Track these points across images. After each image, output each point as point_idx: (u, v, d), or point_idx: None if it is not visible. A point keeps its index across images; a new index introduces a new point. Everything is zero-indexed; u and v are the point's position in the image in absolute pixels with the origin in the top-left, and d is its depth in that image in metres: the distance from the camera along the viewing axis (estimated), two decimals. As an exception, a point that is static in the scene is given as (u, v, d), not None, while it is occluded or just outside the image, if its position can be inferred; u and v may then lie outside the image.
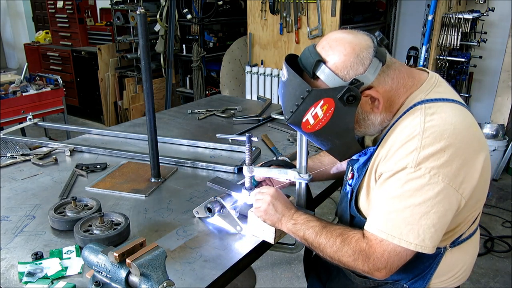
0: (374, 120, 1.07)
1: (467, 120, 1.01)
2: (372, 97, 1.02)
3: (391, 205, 0.98)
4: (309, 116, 1.02)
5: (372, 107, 1.05)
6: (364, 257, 1.01)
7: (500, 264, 2.95)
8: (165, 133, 2.10)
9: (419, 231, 0.96)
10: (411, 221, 0.96)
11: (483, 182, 1.04)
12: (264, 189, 1.23)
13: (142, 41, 1.42)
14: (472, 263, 1.20)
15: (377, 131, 1.12)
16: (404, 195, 0.96)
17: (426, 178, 0.94)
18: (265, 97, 3.44)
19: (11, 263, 1.12)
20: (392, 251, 0.98)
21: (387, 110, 1.07)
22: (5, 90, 3.70)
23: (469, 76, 4.41)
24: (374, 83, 1.01)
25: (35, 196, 1.48)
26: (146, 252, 0.93)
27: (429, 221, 0.95)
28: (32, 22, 7.61)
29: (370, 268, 1.01)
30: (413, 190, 0.95)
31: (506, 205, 3.72)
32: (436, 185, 0.94)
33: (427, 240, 0.96)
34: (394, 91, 1.05)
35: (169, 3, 4.72)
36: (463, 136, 0.97)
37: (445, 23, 3.75)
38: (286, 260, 2.93)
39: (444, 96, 1.04)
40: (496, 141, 4.12)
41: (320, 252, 1.09)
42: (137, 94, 5.29)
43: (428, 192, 0.94)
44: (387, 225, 0.98)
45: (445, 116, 0.99)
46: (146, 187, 1.54)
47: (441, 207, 0.95)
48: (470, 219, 1.11)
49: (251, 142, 1.25)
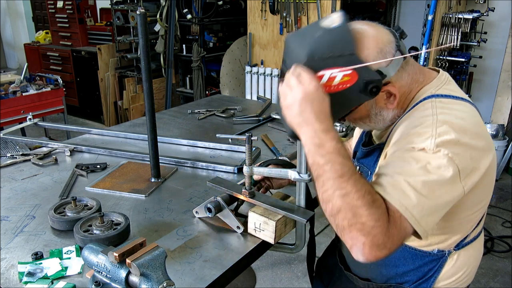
0: (385, 116, 1.06)
1: (476, 119, 1.00)
2: (388, 92, 1.01)
3: (411, 179, 0.89)
4: (327, 74, 0.93)
5: (386, 103, 1.03)
6: (383, 228, 0.87)
7: (500, 264, 2.95)
8: (165, 133, 2.10)
9: (424, 210, 0.89)
10: (423, 201, 0.89)
11: (488, 182, 1.03)
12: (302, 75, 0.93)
13: (142, 41, 1.42)
14: (476, 266, 1.20)
15: (385, 126, 1.10)
16: (422, 171, 0.90)
17: (445, 160, 0.89)
18: (265, 97, 3.44)
19: (11, 263, 1.12)
20: (406, 232, 0.90)
21: (399, 107, 1.06)
22: (5, 90, 3.70)
23: (469, 76, 4.41)
24: (394, 78, 1.00)
25: (35, 196, 1.48)
26: (146, 252, 0.93)
27: (436, 203, 0.90)
28: (32, 22, 7.61)
29: (379, 244, 0.86)
30: (432, 168, 0.89)
31: (506, 205, 3.72)
32: (451, 169, 0.90)
33: (428, 222, 0.90)
34: (408, 87, 1.04)
35: (169, 3, 4.72)
36: (473, 132, 0.95)
37: (445, 23, 3.75)
38: (286, 260, 2.93)
39: (454, 93, 1.04)
40: (496, 141, 4.12)
41: (327, 195, 0.91)
42: (137, 94, 5.29)
43: (444, 173, 0.89)
44: (407, 201, 0.89)
45: (455, 112, 0.97)
46: (146, 187, 1.54)
47: (449, 193, 0.91)
48: (474, 219, 1.09)
49: (251, 142, 1.25)
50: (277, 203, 1.24)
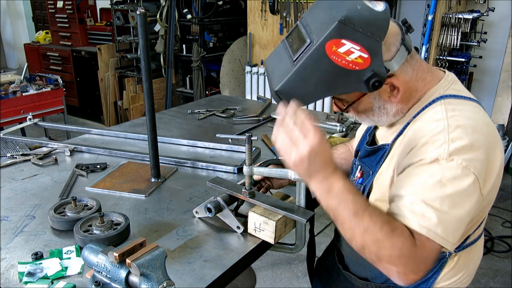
0: (389, 110, 1.05)
1: (485, 118, 1.00)
2: (392, 85, 1.01)
3: (428, 198, 0.89)
4: (348, 45, 0.90)
5: (390, 96, 1.03)
6: (410, 254, 0.88)
7: (500, 264, 2.95)
8: (165, 133, 2.10)
9: (447, 226, 0.89)
10: (444, 217, 0.89)
11: (498, 183, 1.04)
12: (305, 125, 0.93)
13: (142, 41, 1.42)
14: (475, 268, 1.20)
15: (389, 122, 1.09)
16: (438, 186, 0.90)
17: (459, 170, 0.89)
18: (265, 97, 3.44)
19: (11, 263, 1.12)
20: (436, 251, 0.91)
21: (404, 102, 1.05)
22: (5, 90, 3.70)
23: (469, 76, 4.41)
24: (397, 71, 0.99)
25: (35, 196, 1.48)
26: (146, 252, 0.93)
27: (458, 215, 0.90)
28: (32, 22, 7.61)
29: (412, 269, 0.88)
30: (446, 180, 0.89)
31: (506, 205, 3.71)
32: (467, 178, 0.90)
33: (455, 235, 0.91)
34: (413, 83, 1.03)
35: (169, 3, 4.72)
36: (484, 133, 0.95)
37: (445, 23, 3.75)
38: (286, 260, 2.93)
39: (461, 93, 1.04)
40: (496, 141, 4.12)
41: (349, 234, 0.93)
42: (137, 94, 5.29)
43: (461, 183, 0.89)
44: (428, 223, 0.89)
45: (465, 113, 0.97)
46: (146, 187, 1.54)
47: (469, 202, 0.91)
48: (477, 221, 1.09)
49: (251, 142, 1.25)
50: (277, 203, 1.24)
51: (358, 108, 1.07)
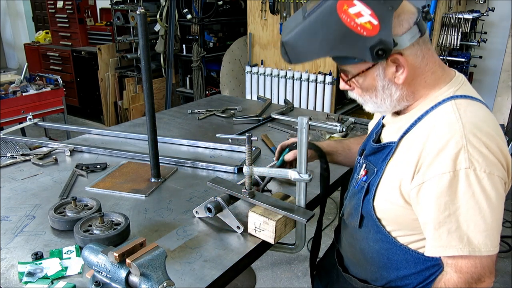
0: (393, 93, 1.03)
1: (493, 121, 1.00)
2: (398, 64, 0.99)
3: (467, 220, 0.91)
4: (360, 7, 0.91)
5: (394, 75, 1.00)
6: (469, 281, 0.93)
7: (500, 264, 2.95)
8: (165, 133, 2.10)
9: (493, 236, 0.92)
10: (483, 227, 0.91)
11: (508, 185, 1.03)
12: None
13: (142, 41, 1.42)
14: None
15: (392, 108, 1.07)
16: (471, 204, 0.90)
17: (485, 178, 0.90)
18: (265, 97, 3.44)
19: (11, 263, 1.12)
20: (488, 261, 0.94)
21: (409, 88, 1.03)
22: (5, 90, 3.70)
23: (469, 76, 4.41)
24: (406, 51, 0.98)
25: (35, 196, 1.48)
26: (146, 252, 0.93)
27: (496, 225, 0.92)
28: (32, 22, 7.61)
29: (475, 283, 0.93)
30: (478, 195, 0.90)
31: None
32: (495, 184, 0.91)
33: (498, 240, 0.93)
34: (421, 71, 1.02)
35: (169, 3, 4.72)
36: (495, 133, 0.95)
37: (445, 23, 3.75)
38: (286, 260, 2.93)
39: (471, 94, 1.02)
40: (496, 141, 4.12)
41: None
42: (137, 94, 5.29)
43: (491, 193, 0.91)
44: (476, 244, 0.91)
45: (476, 113, 0.97)
46: (146, 187, 1.54)
47: (501, 206, 0.93)
48: None
49: (251, 142, 1.25)
50: (277, 203, 1.24)
51: (363, 84, 1.05)
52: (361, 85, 1.06)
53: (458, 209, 0.91)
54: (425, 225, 0.98)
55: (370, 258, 1.16)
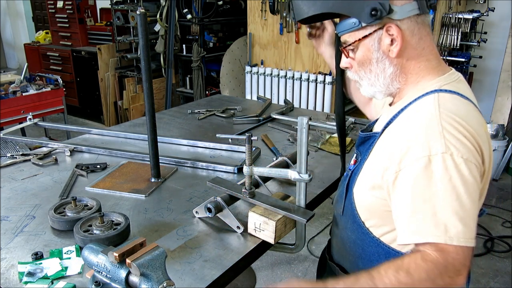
0: (386, 68, 1.04)
1: (478, 119, 0.99)
2: (393, 37, 1.00)
3: (444, 205, 0.87)
4: None
5: (389, 49, 1.02)
6: (439, 270, 0.86)
7: (500, 264, 2.95)
8: (165, 133, 2.10)
9: (470, 225, 0.87)
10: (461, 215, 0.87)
11: (484, 184, 1.02)
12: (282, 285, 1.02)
13: (142, 41, 1.42)
14: None
15: (385, 86, 1.07)
16: (449, 191, 0.88)
17: (462, 164, 0.88)
18: (265, 97, 3.44)
19: (11, 263, 1.12)
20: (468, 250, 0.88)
21: (402, 70, 1.04)
22: (5, 90, 3.71)
23: (469, 76, 4.41)
24: (403, 25, 1.00)
25: (35, 196, 1.48)
26: (146, 252, 0.93)
27: (472, 211, 0.88)
28: (32, 22, 7.61)
29: (451, 277, 0.86)
30: (454, 180, 0.88)
31: (506, 205, 3.72)
32: (470, 170, 0.89)
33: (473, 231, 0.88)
34: (417, 54, 1.03)
35: (169, 3, 4.72)
36: (474, 128, 0.94)
37: (445, 23, 3.75)
38: (286, 260, 2.93)
39: (461, 92, 1.01)
40: (496, 141, 4.12)
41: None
42: (137, 94, 5.29)
43: (468, 178, 0.88)
44: (454, 232, 0.87)
45: (458, 107, 0.97)
46: (146, 187, 1.54)
47: (476, 192, 0.90)
48: None
49: (251, 142, 1.25)
50: (277, 203, 1.24)
51: (358, 57, 1.07)
52: (357, 58, 1.08)
53: (434, 195, 0.88)
54: (400, 213, 0.95)
55: (349, 247, 1.17)
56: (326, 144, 1.97)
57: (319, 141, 1.98)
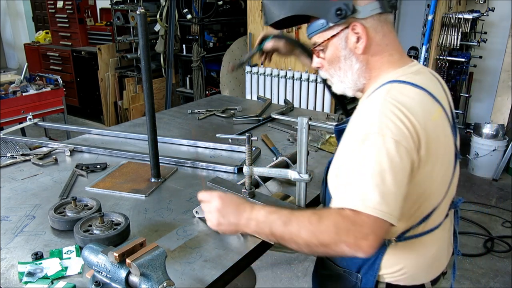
0: (354, 64, 1.10)
1: (427, 108, 1.02)
2: (358, 35, 1.07)
3: (366, 176, 0.93)
4: None
5: (355, 46, 1.08)
6: (348, 225, 0.91)
7: (500, 264, 2.95)
8: (165, 133, 2.10)
9: (389, 200, 0.92)
10: (381, 188, 0.92)
11: (438, 177, 1.05)
12: (205, 196, 1.14)
13: (142, 41, 1.42)
14: (421, 267, 1.15)
15: (354, 82, 1.13)
16: (373, 163, 0.94)
17: (392, 144, 0.94)
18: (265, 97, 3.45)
19: (11, 263, 1.12)
20: (381, 223, 0.92)
21: (367, 65, 1.10)
22: (5, 90, 3.71)
23: (469, 76, 4.41)
24: (367, 23, 1.06)
25: (35, 196, 1.48)
26: (146, 252, 0.93)
27: (395, 189, 0.93)
28: (32, 22, 7.61)
29: (357, 236, 0.90)
30: (382, 155, 0.93)
31: (506, 205, 3.72)
32: (399, 151, 0.94)
33: (397, 208, 0.93)
34: (381, 49, 1.09)
35: (169, 3, 4.72)
36: (416, 116, 0.98)
37: (445, 23, 3.75)
38: (286, 260, 2.94)
39: (415, 82, 1.05)
40: (496, 141, 4.12)
41: (293, 243, 0.99)
42: (137, 94, 5.29)
43: (394, 157, 0.93)
44: (371, 201, 0.92)
45: (406, 94, 1.02)
46: (146, 187, 1.54)
47: (403, 174, 0.95)
48: (416, 214, 1.08)
49: (251, 142, 1.25)
50: (277, 203, 1.24)
51: (328, 56, 1.13)
52: (327, 57, 1.14)
53: (362, 168, 0.94)
54: (338, 182, 1.02)
55: None
56: (326, 144, 1.97)
57: (319, 141, 1.98)
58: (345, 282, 1.20)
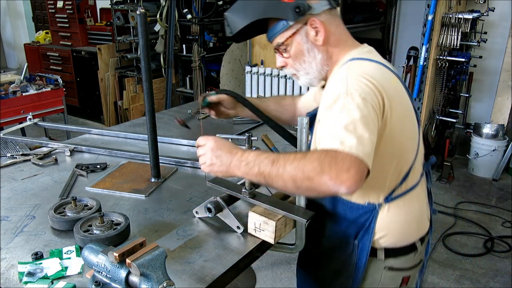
0: (316, 55, 1.23)
1: (385, 75, 1.16)
2: (317, 29, 1.20)
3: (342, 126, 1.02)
4: None
5: (315, 39, 1.22)
6: (330, 160, 0.97)
7: (500, 264, 2.95)
8: (165, 133, 2.10)
9: (364, 144, 1.00)
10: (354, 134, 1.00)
11: (407, 133, 1.19)
12: (202, 140, 1.21)
13: (142, 41, 1.42)
14: (407, 224, 1.26)
15: (319, 72, 1.26)
16: (345, 115, 1.04)
17: (359, 99, 1.05)
18: (265, 97, 3.45)
19: (11, 263, 1.12)
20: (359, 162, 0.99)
21: (327, 54, 1.24)
22: (5, 90, 3.71)
23: (469, 76, 4.41)
24: (321, 17, 1.21)
25: (35, 196, 1.48)
26: (146, 252, 0.93)
27: (368, 134, 1.02)
28: (32, 22, 7.61)
29: (338, 169, 0.96)
30: (353, 108, 1.04)
31: (506, 205, 3.72)
32: (366, 104, 1.05)
33: (371, 152, 1.02)
34: (336, 38, 1.24)
35: (169, 3, 4.72)
36: (377, 80, 1.10)
37: (445, 23, 3.75)
38: (286, 260, 2.93)
39: (370, 58, 1.20)
40: (496, 141, 4.12)
41: (280, 180, 1.04)
42: (137, 94, 5.29)
43: (363, 109, 1.04)
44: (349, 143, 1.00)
45: (363, 66, 1.16)
46: (146, 187, 1.54)
47: (373, 123, 1.05)
48: (396, 171, 1.19)
49: (251, 142, 1.25)
50: (277, 203, 1.24)
51: (292, 52, 1.26)
52: (292, 53, 1.26)
53: (337, 121, 1.04)
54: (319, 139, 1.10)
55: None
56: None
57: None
58: (340, 254, 1.29)
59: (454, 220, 3.49)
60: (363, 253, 1.24)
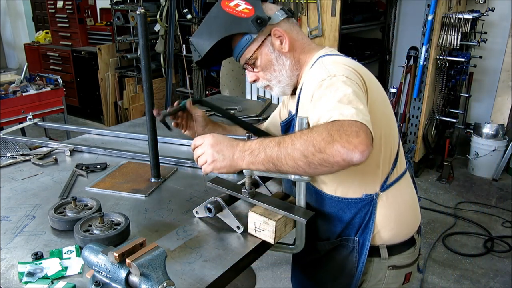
0: (285, 62, 1.30)
1: (358, 65, 1.20)
2: (280, 38, 1.28)
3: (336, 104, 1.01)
4: (236, 0, 1.30)
5: (281, 47, 1.29)
6: (338, 127, 0.95)
7: (500, 264, 2.95)
8: (165, 133, 2.10)
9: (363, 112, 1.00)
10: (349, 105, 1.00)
11: (390, 117, 1.22)
12: (198, 140, 1.20)
13: (142, 41, 1.42)
14: (405, 211, 1.29)
15: (290, 78, 1.32)
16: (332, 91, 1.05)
17: (344, 78, 1.08)
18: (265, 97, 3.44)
19: (11, 263, 1.12)
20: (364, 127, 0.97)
21: (294, 59, 1.31)
22: (5, 90, 3.71)
23: (469, 76, 4.41)
24: (282, 26, 1.29)
25: (35, 196, 1.48)
26: (146, 252, 0.93)
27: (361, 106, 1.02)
28: (32, 22, 7.62)
29: (348, 135, 0.93)
30: (341, 87, 1.05)
31: (506, 205, 3.72)
32: (351, 83, 1.07)
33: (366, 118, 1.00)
34: (299, 43, 1.32)
35: (169, 3, 4.73)
36: (353, 65, 1.17)
37: (445, 23, 3.75)
38: (286, 260, 2.94)
39: (339, 54, 1.28)
40: (496, 141, 4.13)
41: (290, 160, 1.00)
42: (137, 94, 5.30)
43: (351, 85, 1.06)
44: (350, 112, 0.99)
45: (334, 57, 1.22)
46: (146, 187, 1.54)
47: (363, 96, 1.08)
48: (386, 155, 1.21)
49: (251, 142, 1.24)
50: (277, 203, 1.24)
51: (261, 64, 1.32)
52: (261, 65, 1.32)
53: (326, 100, 1.04)
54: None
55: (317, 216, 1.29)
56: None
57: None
58: (341, 253, 1.29)
59: (454, 220, 3.49)
60: (364, 248, 1.24)
